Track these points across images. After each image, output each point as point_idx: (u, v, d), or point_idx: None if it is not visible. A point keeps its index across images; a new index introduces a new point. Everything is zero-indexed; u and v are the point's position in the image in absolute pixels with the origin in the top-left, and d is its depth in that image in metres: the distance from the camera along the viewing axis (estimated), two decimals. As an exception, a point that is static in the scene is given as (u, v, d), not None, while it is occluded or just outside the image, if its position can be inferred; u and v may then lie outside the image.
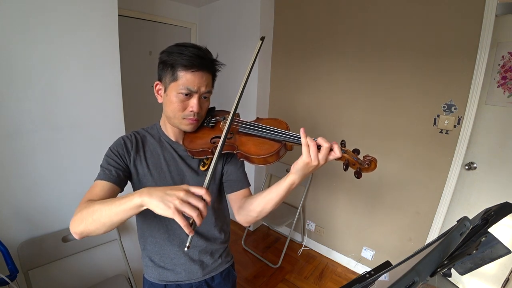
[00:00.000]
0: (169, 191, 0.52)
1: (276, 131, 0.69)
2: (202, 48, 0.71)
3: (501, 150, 1.51)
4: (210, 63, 0.72)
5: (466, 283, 1.69)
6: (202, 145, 0.76)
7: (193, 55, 0.67)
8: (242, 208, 0.78)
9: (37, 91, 1.13)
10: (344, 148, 0.64)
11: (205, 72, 0.70)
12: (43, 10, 1.09)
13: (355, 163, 0.63)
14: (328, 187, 2.15)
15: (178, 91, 0.69)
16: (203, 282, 0.87)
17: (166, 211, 0.50)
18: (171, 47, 0.71)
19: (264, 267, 2.11)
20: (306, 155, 0.60)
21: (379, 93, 1.78)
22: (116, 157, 0.74)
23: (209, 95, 0.75)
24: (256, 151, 0.69)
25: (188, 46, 0.69)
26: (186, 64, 0.67)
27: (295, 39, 2.13)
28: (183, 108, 0.72)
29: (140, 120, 1.57)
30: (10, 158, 1.11)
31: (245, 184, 0.84)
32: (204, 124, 0.80)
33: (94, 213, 0.57)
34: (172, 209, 0.50)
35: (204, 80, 0.71)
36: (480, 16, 1.36)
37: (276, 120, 0.76)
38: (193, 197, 0.52)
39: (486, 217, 0.49)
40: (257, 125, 0.73)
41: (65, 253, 1.27)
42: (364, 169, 0.62)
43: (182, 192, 0.51)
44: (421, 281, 0.33)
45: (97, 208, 0.57)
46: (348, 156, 0.63)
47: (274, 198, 0.69)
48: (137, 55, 2.18)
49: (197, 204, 0.52)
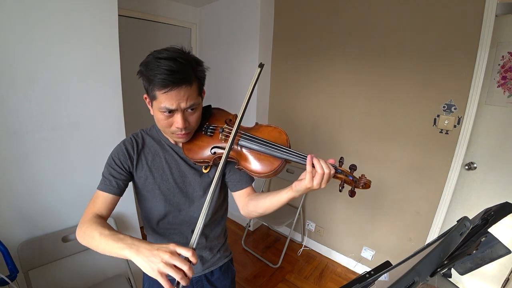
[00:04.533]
0: (156, 251, 0.52)
1: (278, 148, 0.68)
2: (178, 58, 0.63)
3: (501, 150, 1.51)
4: (189, 73, 0.65)
5: (466, 283, 1.69)
6: (203, 157, 0.75)
7: (167, 71, 0.61)
8: (246, 207, 0.81)
9: (37, 91, 1.13)
10: (341, 168, 0.66)
11: (183, 87, 0.64)
12: (43, 10, 1.09)
13: (350, 182, 0.65)
14: (328, 187, 2.14)
15: (160, 110, 0.66)
16: (203, 276, 0.88)
17: (151, 273, 0.52)
18: (148, 58, 0.65)
19: (264, 267, 2.11)
20: (309, 181, 0.63)
21: (379, 94, 1.78)
22: (117, 166, 0.74)
23: (196, 107, 0.70)
24: (256, 169, 0.70)
25: (163, 59, 0.62)
26: (160, 84, 0.62)
27: (295, 39, 2.13)
28: (169, 124, 0.69)
29: (140, 121, 1.57)
30: (10, 158, 1.11)
31: (248, 182, 0.84)
32: (202, 130, 0.78)
33: (93, 241, 0.62)
34: (156, 271, 0.51)
35: (183, 95, 0.65)
36: (480, 16, 1.35)
37: (276, 129, 0.75)
38: (178, 260, 0.52)
39: (486, 217, 0.49)
40: (258, 140, 0.71)
41: (65, 253, 1.27)
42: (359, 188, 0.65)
43: (167, 255, 0.51)
44: (421, 281, 0.33)
45: (96, 238, 0.61)
46: (344, 177, 0.65)
47: (275, 206, 0.73)
48: (137, 55, 2.17)
49: (182, 267, 0.51)
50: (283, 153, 0.68)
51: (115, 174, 0.73)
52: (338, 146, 2.02)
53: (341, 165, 0.67)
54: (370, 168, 1.86)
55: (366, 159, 1.89)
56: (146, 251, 0.53)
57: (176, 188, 0.79)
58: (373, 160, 1.86)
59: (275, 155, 0.68)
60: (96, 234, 0.61)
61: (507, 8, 1.39)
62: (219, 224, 0.90)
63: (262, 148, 0.70)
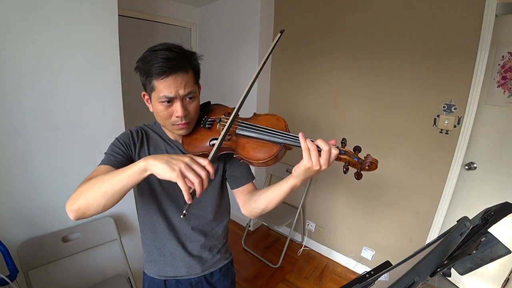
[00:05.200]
0: (175, 156, 0.55)
1: (275, 133, 0.67)
2: (173, 48, 0.67)
3: (501, 150, 1.51)
4: (184, 61, 0.68)
5: (466, 283, 1.69)
6: (202, 149, 0.75)
7: (163, 59, 0.64)
8: (247, 204, 0.80)
9: (37, 91, 1.13)
10: (344, 149, 0.61)
11: (180, 73, 0.66)
12: (43, 10, 1.09)
13: (355, 163, 0.60)
14: (328, 187, 2.15)
15: (159, 100, 0.68)
16: (203, 277, 0.88)
17: (171, 173, 0.52)
18: (144, 54, 0.68)
19: (264, 267, 2.11)
20: (307, 160, 0.58)
21: (379, 93, 1.78)
22: (123, 146, 0.75)
23: (194, 95, 0.71)
24: (254, 156, 0.67)
25: (159, 50, 0.66)
26: (157, 72, 0.65)
27: (295, 37, 2.13)
28: (169, 115, 0.70)
29: (140, 120, 1.56)
30: (10, 158, 1.11)
31: (248, 179, 0.84)
32: (200, 124, 0.79)
33: (95, 183, 0.57)
34: (177, 171, 0.52)
35: (180, 82, 0.67)
36: (480, 16, 1.36)
37: (274, 116, 0.73)
38: (197, 165, 0.54)
39: (486, 217, 0.49)
40: (255, 126, 0.70)
41: (65, 253, 1.27)
42: (365, 169, 0.60)
43: (187, 158, 0.54)
44: (421, 281, 0.33)
45: (99, 178, 0.58)
46: (348, 158, 0.60)
47: (277, 197, 0.71)
48: (137, 55, 2.17)
49: (200, 172, 0.54)
50: (281, 137, 0.65)
51: (119, 152, 0.73)
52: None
53: (344, 146, 0.63)
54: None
55: (366, 159, 1.89)
56: (164, 156, 0.55)
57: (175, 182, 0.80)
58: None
59: (273, 140, 0.66)
60: (98, 177, 0.58)
61: (507, 8, 1.39)
62: (220, 223, 0.90)
63: (260, 135, 0.68)
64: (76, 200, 0.59)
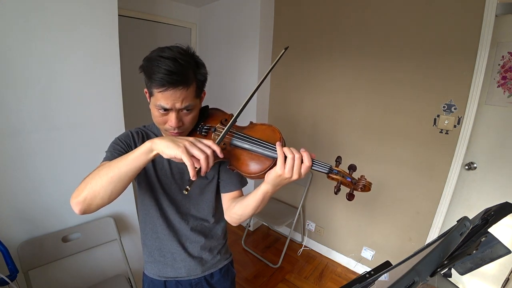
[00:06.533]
0: (180, 137, 0.58)
1: (269, 146, 0.65)
2: (180, 59, 0.63)
3: (501, 150, 1.51)
4: (188, 75, 0.65)
5: (466, 283, 1.69)
6: None
7: (165, 71, 0.61)
8: (228, 210, 0.81)
9: (37, 91, 1.13)
10: (338, 168, 0.60)
11: (180, 88, 0.64)
12: (43, 10, 1.09)
13: (348, 183, 0.59)
14: (328, 187, 2.15)
15: (156, 106, 0.67)
16: (203, 278, 0.88)
17: (176, 150, 0.53)
18: (152, 53, 0.66)
19: (264, 267, 2.11)
20: (279, 167, 0.59)
21: (379, 93, 1.78)
22: (123, 144, 0.75)
23: (192, 108, 0.70)
24: (248, 169, 0.66)
25: (165, 58, 0.63)
26: (157, 83, 0.63)
27: (295, 38, 2.13)
28: (164, 122, 0.69)
29: (140, 120, 1.56)
30: (10, 158, 1.11)
31: (237, 186, 0.83)
32: (197, 130, 0.78)
33: (101, 171, 0.59)
34: (182, 147, 0.54)
35: (179, 96, 0.65)
36: (480, 16, 1.35)
37: (269, 127, 0.72)
38: (202, 144, 0.57)
39: (486, 217, 0.49)
40: (249, 138, 0.69)
41: (65, 253, 1.27)
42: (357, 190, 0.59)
43: (192, 138, 0.58)
44: (421, 281, 0.33)
45: (104, 166, 0.59)
46: (341, 178, 0.59)
47: (251, 204, 0.70)
48: (137, 55, 2.17)
49: (206, 150, 0.56)
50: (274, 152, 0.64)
51: (120, 150, 0.73)
52: (337, 146, 2.03)
53: (338, 165, 0.62)
54: (369, 168, 1.86)
55: (365, 159, 1.89)
56: (170, 137, 0.58)
57: (174, 183, 0.80)
58: (373, 160, 1.86)
59: (266, 154, 0.65)
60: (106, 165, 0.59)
61: (507, 8, 1.40)
62: (219, 224, 0.90)
63: (254, 147, 0.67)
64: (81, 191, 0.59)
